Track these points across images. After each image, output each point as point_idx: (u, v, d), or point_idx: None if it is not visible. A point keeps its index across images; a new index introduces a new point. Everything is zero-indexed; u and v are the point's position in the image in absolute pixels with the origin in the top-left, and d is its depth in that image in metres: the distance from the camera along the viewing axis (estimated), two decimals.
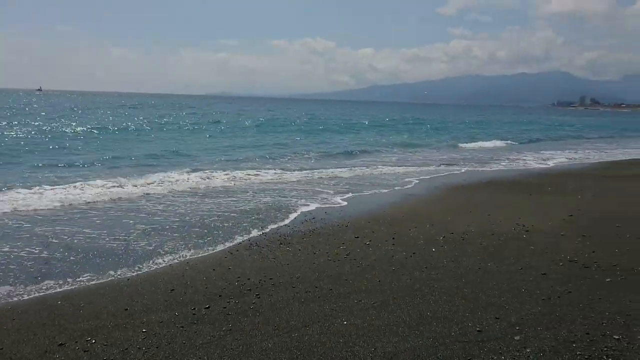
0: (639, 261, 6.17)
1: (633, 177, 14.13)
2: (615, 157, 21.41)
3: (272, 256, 6.43)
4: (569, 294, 5.06)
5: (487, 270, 5.85)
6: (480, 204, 9.98)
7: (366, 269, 5.89)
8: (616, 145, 30.21)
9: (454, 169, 16.27)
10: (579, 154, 23.12)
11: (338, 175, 14.21)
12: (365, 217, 8.72)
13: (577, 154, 23.04)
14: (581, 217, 8.71)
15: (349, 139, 29.84)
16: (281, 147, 23.47)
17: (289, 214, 9.03)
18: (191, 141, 24.89)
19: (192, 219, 8.49)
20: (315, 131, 34.83)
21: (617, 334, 4.14)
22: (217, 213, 8.95)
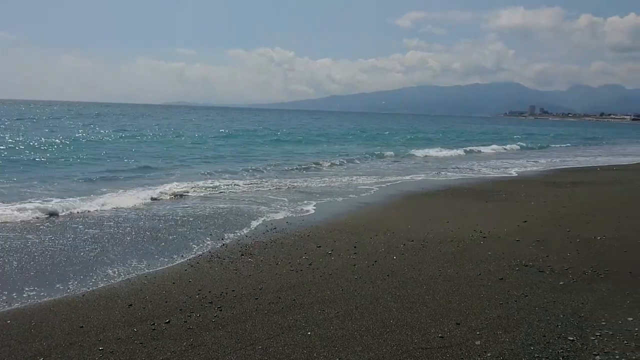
0: (588, 264, 6.45)
1: (579, 183, 14.77)
2: (561, 165, 22.33)
3: (234, 268, 6.34)
4: (526, 298, 5.22)
5: (448, 277, 5.96)
6: (439, 211, 10.19)
7: (329, 279, 5.89)
8: (560, 154, 31.51)
9: (410, 177, 16.52)
10: (531, 161, 23.97)
11: (298, 185, 14.19)
12: (326, 226, 8.74)
13: (529, 161, 23.88)
14: (534, 222, 9.02)
15: (309, 149, 29.89)
16: (240, 156, 23.26)
17: (251, 224, 8.94)
18: (170, 151, 24.28)
19: (151, 232, 8.28)
20: (275, 142, 34.74)
21: (572, 335, 4.30)
22: (178, 225, 8.77)
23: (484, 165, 21.51)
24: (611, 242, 7.56)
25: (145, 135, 35.07)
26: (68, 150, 22.81)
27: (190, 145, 29.19)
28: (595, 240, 7.70)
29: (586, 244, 7.45)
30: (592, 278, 5.92)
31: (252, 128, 52.41)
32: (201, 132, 40.92)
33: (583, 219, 9.29)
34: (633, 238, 7.81)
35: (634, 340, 4.19)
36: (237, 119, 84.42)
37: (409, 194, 12.83)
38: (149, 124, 53.27)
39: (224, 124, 59.22)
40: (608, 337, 4.26)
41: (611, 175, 17.25)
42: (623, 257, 6.80)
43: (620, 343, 4.15)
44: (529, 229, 8.53)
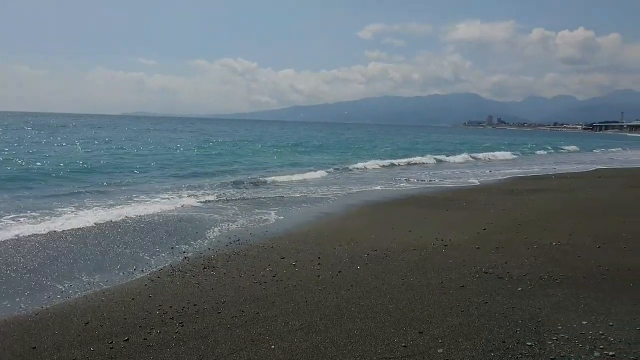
0: (545, 269, 6.64)
1: (535, 190, 15.26)
2: (520, 174, 23.02)
3: (196, 281, 6.22)
4: (486, 305, 5.33)
5: (411, 285, 6.02)
6: (401, 220, 10.31)
7: (293, 290, 5.85)
8: (520, 162, 32.50)
9: (372, 187, 16.67)
10: (490, 170, 24.59)
11: (257, 196, 14.11)
12: (290, 237, 8.70)
13: (488, 170, 24.50)
14: (494, 230, 9.24)
15: (263, 159, 29.70)
16: (193, 168, 22.93)
17: (212, 237, 8.81)
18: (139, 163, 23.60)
19: (110, 247, 8.04)
20: (233, 154, 34.42)
21: (530, 340, 4.41)
22: (137, 239, 8.55)
23: (451, 172, 21.94)
24: (566, 248, 7.82)
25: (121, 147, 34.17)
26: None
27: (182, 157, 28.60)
28: (551, 246, 7.95)
29: (542, 250, 7.69)
30: (548, 283, 6.10)
31: (227, 139, 51.79)
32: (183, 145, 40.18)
33: (539, 226, 9.58)
34: (586, 243, 8.11)
35: (588, 343, 4.33)
36: (202, 129, 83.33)
37: (372, 203, 12.94)
38: (116, 135, 52.00)
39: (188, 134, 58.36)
40: (564, 341, 4.39)
41: (565, 183, 17.89)
42: (577, 261, 7.04)
43: (575, 347, 4.28)
44: (488, 236, 8.73)
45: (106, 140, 41.83)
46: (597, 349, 4.21)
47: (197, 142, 44.78)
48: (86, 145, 34.37)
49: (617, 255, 7.36)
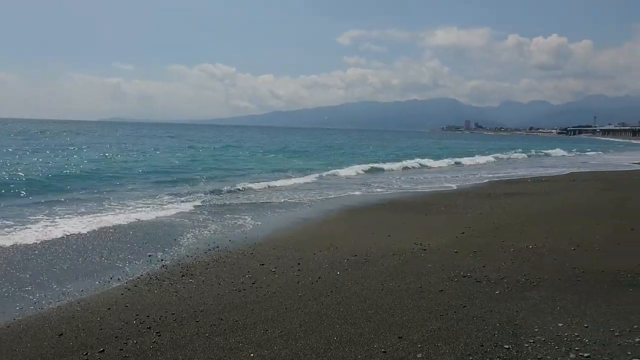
0: (522, 272, 6.73)
1: (512, 194, 15.49)
2: (496, 178, 23.35)
3: (174, 289, 6.14)
4: (464, 308, 5.37)
5: (390, 290, 6.04)
6: (381, 225, 10.35)
7: (272, 297, 5.81)
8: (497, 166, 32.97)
9: (352, 192, 16.71)
10: (469, 174, 24.89)
11: (237, 202, 14.03)
12: (269, 243, 8.65)
13: (467, 174, 24.79)
14: (472, 234, 9.34)
15: (245, 165, 29.56)
16: (174, 174, 22.71)
17: (191, 244, 8.71)
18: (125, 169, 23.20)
19: (84, 255, 7.89)
20: (216, 160, 34.21)
21: (507, 343, 4.45)
22: (115, 248, 8.41)
23: (433, 178, 22.13)
24: (542, 251, 7.94)
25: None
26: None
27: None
28: (528, 249, 8.06)
29: (519, 253, 7.79)
30: (525, 286, 6.18)
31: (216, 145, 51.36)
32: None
33: (516, 229, 9.72)
34: (561, 246, 8.25)
35: (564, 345, 4.39)
36: (183, 135, 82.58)
37: (351, 209, 12.96)
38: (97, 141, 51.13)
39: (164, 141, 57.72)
40: (541, 343, 4.45)
41: (541, 187, 18.21)
42: (553, 264, 7.16)
43: (552, 349, 4.34)
44: (466, 240, 8.81)
45: (84, 147, 41.13)
46: (573, 351, 4.28)
47: (178, 148, 44.38)
48: (62, 153, 33.74)
49: (592, 257, 7.50)
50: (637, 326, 4.80)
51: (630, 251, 7.86)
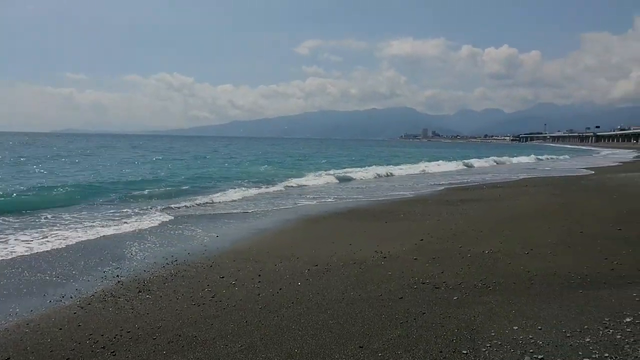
0: (479, 277, 6.89)
1: (468, 201, 15.88)
2: (453, 185, 23.91)
3: (130, 306, 5.95)
4: (424, 315, 5.44)
5: (351, 300, 6.05)
6: (342, 234, 10.39)
7: (232, 311, 5.73)
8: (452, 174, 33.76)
9: (315, 200, 16.74)
10: (428, 181, 25.37)
11: (198, 213, 13.81)
12: (229, 255, 8.54)
13: (426, 181, 25.26)
14: (430, 240, 9.50)
15: (206, 176, 29.18)
16: (131, 189, 22.15)
17: (149, 258, 8.49)
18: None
19: (34, 272, 7.56)
20: (173, 172, 33.61)
21: (465, 348, 4.53)
22: (68, 264, 8.09)
23: (388, 185, 22.40)
24: (497, 255, 8.16)
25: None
26: None
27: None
28: (484, 254, 8.27)
29: (476, 259, 7.98)
30: (482, 291, 6.33)
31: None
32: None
33: (473, 235, 9.95)
34: (515, 250, 8.50)
35: (519, 348, 4.51)
36: (142, 146, 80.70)
37: (313, 218, 12.97)
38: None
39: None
40: (497, 347, 4.56)
41: (495, 192, 18.74)
42: (508, 268, 7.36)
43: (508, 352, 4.45)
44: (425, 246, 8.96)
45: (36, 160, 39.57)
46: (528, 353, 4.40)
47: (137, 160, 43.33)
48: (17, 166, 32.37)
49: (544, 260, 7.76)
50: (587, 326, 4.98)
51: (580, 253, 8.18)
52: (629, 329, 4.89)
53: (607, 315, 5.26)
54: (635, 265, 7.29)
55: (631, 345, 4.51)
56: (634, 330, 4.85)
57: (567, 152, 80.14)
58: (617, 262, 7.47)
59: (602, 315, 5.27)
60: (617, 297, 5.88)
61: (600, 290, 6.20)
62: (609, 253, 8.06)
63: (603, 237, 9.26)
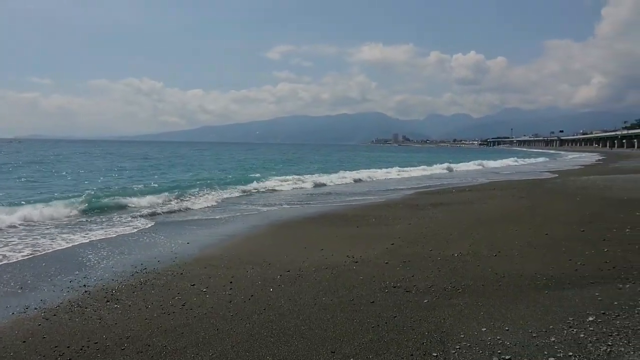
0: (448, 280, 7.00)
1: (438, 204, 16.11)
2: (422, 189, 24.24)
3: (97, 316, 5.82)
4: (395, 319, 5.50)
5: (323, 305, 6.07)
6: (314, 239, 10.41)
7: (203, 319, 5.67)
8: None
9: (287, 205, 16.72)
10: (398, 185, 25.65)
11: (168, 220, 13.61)
12: (201, 262, 8.45)
13: (397, 185, 25.52)
14: (401, 244, 9.60)
15: (176, 180, 28.83)
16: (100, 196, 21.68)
17: (117, 266, 8.32)
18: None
19: None
20: (141, 177, 33.05)
21: (435, 351, 4.60)
22: (32, 274, 7.86)
23: (360, 189, 22.54)
24: (466, 258, 8.31)
25: None
26: None
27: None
28: (453, 257, 8.40)
29: (446, 261, 8.10)
30: (451, 293, 6.43)
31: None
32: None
33: (442, 238, 10.11)
34: (484, 252, 8.67)
35: (488, 349, 4.61)
36: (112, 152, 79.03)
37: (285, 223, 12.95)
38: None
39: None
40: (466, 349, 4.64)
41: (464, 196, 19.08)
42: (476, 271, 7.50)
43: (476, 353, 4.53)
44: (396, 251, 9.05)
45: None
46: (496, 354, 4.49)
47: (105, 165, 42.43)
48: None
49: (511, 262, 7.94)
50: (552, 326, 5.12)
51: (545, 255, 8.40)
52: (592, 327, 5.05)
53: (571, 315, 5.43)
54: (597, 266, 7.54)
55: (594, 343, 4.66)
56: (596, 329, 5.02)
57: (539, 156, 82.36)
58: (581, 263, 7.71)
59: (566, 315, 5.43)
60: (581, 297, 6.07)
61: (564, 291, 6.38)
62: (572, 254, 8.31)
63: (567, 239, 9.54)
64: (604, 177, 26.40)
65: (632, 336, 4.80)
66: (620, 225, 10.81)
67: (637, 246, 8.78)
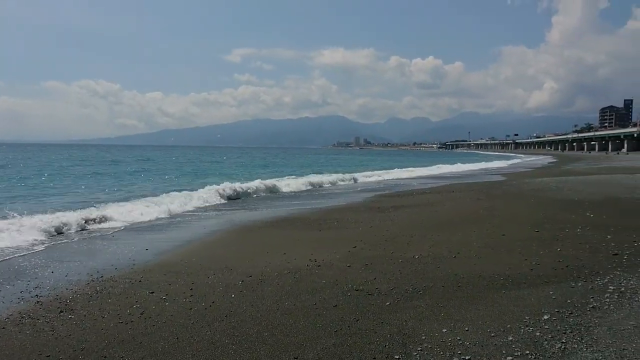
0: (409, 282, 7.08)
1: (399, 207, 16.33)
2: (383, 191, 24.53)
3: (50, 328, 5.58)
4: (357, 322, 5.51)
5: (285, 310, 6.02)
6: (276, 243, 10.34)
7: (162, 328, 5.52)
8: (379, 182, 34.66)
9: (248, 210, 16.58)
10: (361, 188, 25.85)
11: (125, 226, 13.24)
12: (160, 269, 8.25)
13: (359, 188, 25.71)
14: (363, 247, 9.66)
15: (138, 184, 28.21)
16: (55, 199, 20.95)
17: (72, 275, 8.01)
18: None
19: None
20: (98, 181, 32.11)
21: (397, 353, 4.64)
22: None
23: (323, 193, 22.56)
24: (427, 260, 8.43)
25: None
26: None
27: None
28: (414, 259, 8.52)
29: (407, 264, 8.20)
30: (413, 295, 6.51)
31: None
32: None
33: (404, 240, 10.23)
34: (444, 254, 8.83)
35: (448, 350, 4.68)
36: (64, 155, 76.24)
37: (247, 227, 12.81)
38: None
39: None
40: (427, 350, 4.70)
41: (425, 198, 19.41)
42: (437, 272, 7.62)
43: (437, 354, 4.60)
44: (358, 253, 9.10)
45: None
46: (456, 355, 4.57)
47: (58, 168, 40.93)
48: None
49: (470, 263, 8.12)
50: (510, 325, 5.25)
51: (502, 255, 8.63)
52: (547, 326, 5.21)
53: (527, 314, 5.58)
54: (551, 265, 7.80)
55: (549, 341, 4.81)
56: (551, 327, 5.18)
57: (498, 159, 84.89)
58: (536, 263, 7.96)
59: (523, 314, 5.59)
60: (536, 296, 6.26)
61: (521, 290, 6.57)
62: (528, 254, 8.57)
63: (523, 240, 9.83)
64: (557, 179, 27.41)
65: (584, 333, 4.98)
66: (572, 225, 11.24)
67: (588, 245, 9.15)
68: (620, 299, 6.06)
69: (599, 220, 11.83)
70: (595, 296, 6.18)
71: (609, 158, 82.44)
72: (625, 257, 8.22)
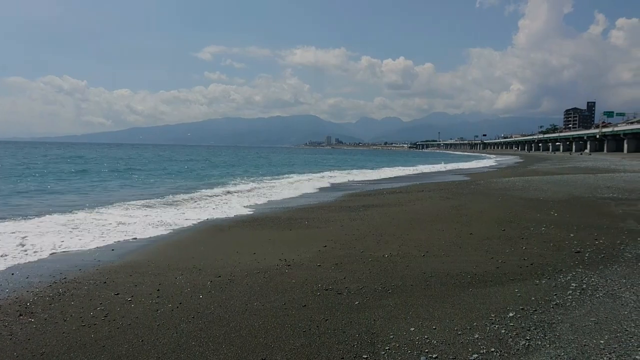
0: (379, 281, 7.11)
1: (369, 206, 16.42)
2: (355, 190, 24.65)
3: (8, 332, 5.38)
4: (326, 322, 5.50)
5: (254, 311, 5.96)
6: (246, 243, 10.25)
7: (127, 330, 5.39)
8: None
9: (217, 210, 16.38)
10: (328, 188, 25.89)
11: (89, 226, 12.90)
12: (126, 270, 8.06)
13: (331, 189, 25.75)
14: (333, 246, 9.66)
15: (101, 184, 27.62)
16: (17, 197, 20.30)
17: (32, 276, 7.75)
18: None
19: None
20: (61, 180, 31.27)
21: (366, 353, 4.64)
22: None
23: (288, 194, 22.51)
24: (396, 259, 8.49)
25: None
26: None
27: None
28: (384, 258, 8.56)
29: (377, 263, 8.24)
30: (382, 294, 6.54)
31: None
32: None
33: (374, 240, 10.28)
34: (412, 253, 8.91)
35: (416, 349, 4.71)
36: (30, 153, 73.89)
37: (217, 227, 12.65)
38: None
39: None
40: (395, 349, 4.72)
41: (395, 198, 19.57)
42: (405, 271, 7.68)
43: (405, 353, 4.62)
44: (328, 253, 9.10)
45: None
46: (424, 353, 4.60)
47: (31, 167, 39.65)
48: None
49: (438, 262, 8.21)
50: (476, 323, 5.33)
51: (470, 254, 8.77)
52: (512, 323, 5.31)
53: (493, 312, 5.68)
54: (516, 263, 7.96)
55: (514, 338, 4.90)
56: (515, 324, 5.28)
57: (468, 159, 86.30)
58: (502, 261, 8.11)
59: (488, 312, 5.68)
60: (502, 294, 6.38)
61: (487, 288, 6.68)
62: (494, 252, 8.73)
63: (490, 238, 10.02)
64: (523, 178, 28.06)
65: (547, 330, 5.09)
66: (536, 224, 11.51)
67: (551, 244, 9.38)
68: (581, 295, 6.23)
69: (562, 219, 12.15)
70: (558, 293, 6.33)
71: (572, 158, 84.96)
72: (587, 254, 8.47)
